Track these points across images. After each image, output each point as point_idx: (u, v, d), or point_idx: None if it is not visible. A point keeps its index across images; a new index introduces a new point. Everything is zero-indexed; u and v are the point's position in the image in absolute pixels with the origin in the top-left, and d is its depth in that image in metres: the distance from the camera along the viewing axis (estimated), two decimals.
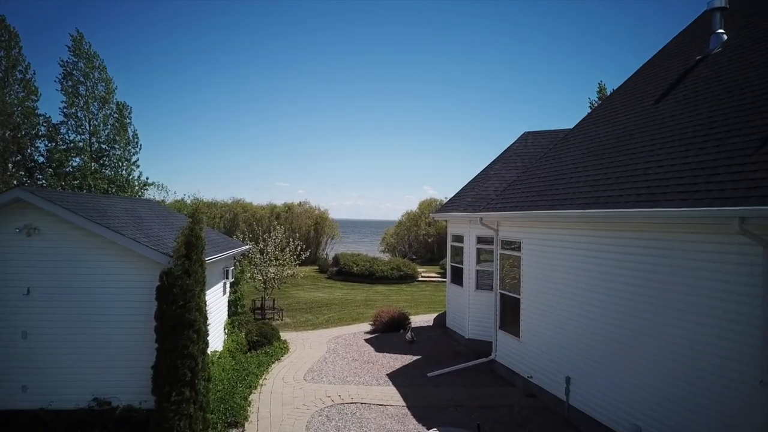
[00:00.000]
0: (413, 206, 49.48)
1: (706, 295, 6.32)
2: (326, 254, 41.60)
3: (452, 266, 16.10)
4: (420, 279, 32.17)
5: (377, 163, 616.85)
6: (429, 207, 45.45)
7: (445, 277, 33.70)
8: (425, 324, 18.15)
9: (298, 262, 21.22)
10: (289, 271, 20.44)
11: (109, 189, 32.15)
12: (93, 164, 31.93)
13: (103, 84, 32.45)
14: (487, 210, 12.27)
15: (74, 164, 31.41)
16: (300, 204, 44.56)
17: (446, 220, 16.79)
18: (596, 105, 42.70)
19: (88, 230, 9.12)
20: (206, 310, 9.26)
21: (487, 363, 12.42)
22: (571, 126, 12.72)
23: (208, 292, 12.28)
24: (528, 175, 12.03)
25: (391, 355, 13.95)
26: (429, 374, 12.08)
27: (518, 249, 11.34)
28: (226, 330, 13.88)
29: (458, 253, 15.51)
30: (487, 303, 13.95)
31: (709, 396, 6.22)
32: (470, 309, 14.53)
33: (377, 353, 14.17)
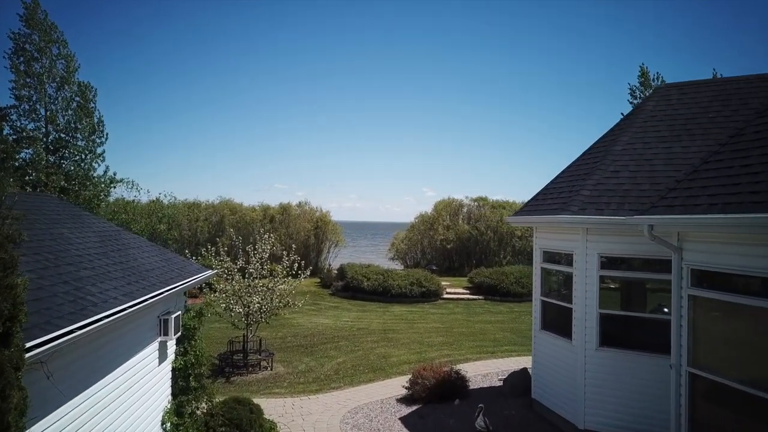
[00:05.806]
0: (420, 208, 43.47)
1: None
2: (329, 264, 35.49)
3: (543, 302, 9.90)
4: (445, 296, 26.12)
5: (376, 164, 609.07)
6: (447, 208, 39.49)
7: (477, 294, 27.52)
8: (486, 383, 12.08)
9: (293, 285, 15.11)
10: (282, 291, 14.47)
11: (69, 186, 26.38)
12: (49, 157, 26.24)
13: (63, 61, 26.66)
14: (666, 211, 6.31)
15: (26, 157, 25.70)
16: (299, 205, 38.21)
17: (532, 227, 10.59)
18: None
19: None
20: None
21: None
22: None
23: (125, 366, 6.36)
24: None
25: None
26: None
27: (753, 291, 5.44)
28: (167, 425, 7.90)
29: (559, 282, 9.52)
30: (628, 374, 8.01)
31: None
32: (588, 379, 8.53)
33: None
